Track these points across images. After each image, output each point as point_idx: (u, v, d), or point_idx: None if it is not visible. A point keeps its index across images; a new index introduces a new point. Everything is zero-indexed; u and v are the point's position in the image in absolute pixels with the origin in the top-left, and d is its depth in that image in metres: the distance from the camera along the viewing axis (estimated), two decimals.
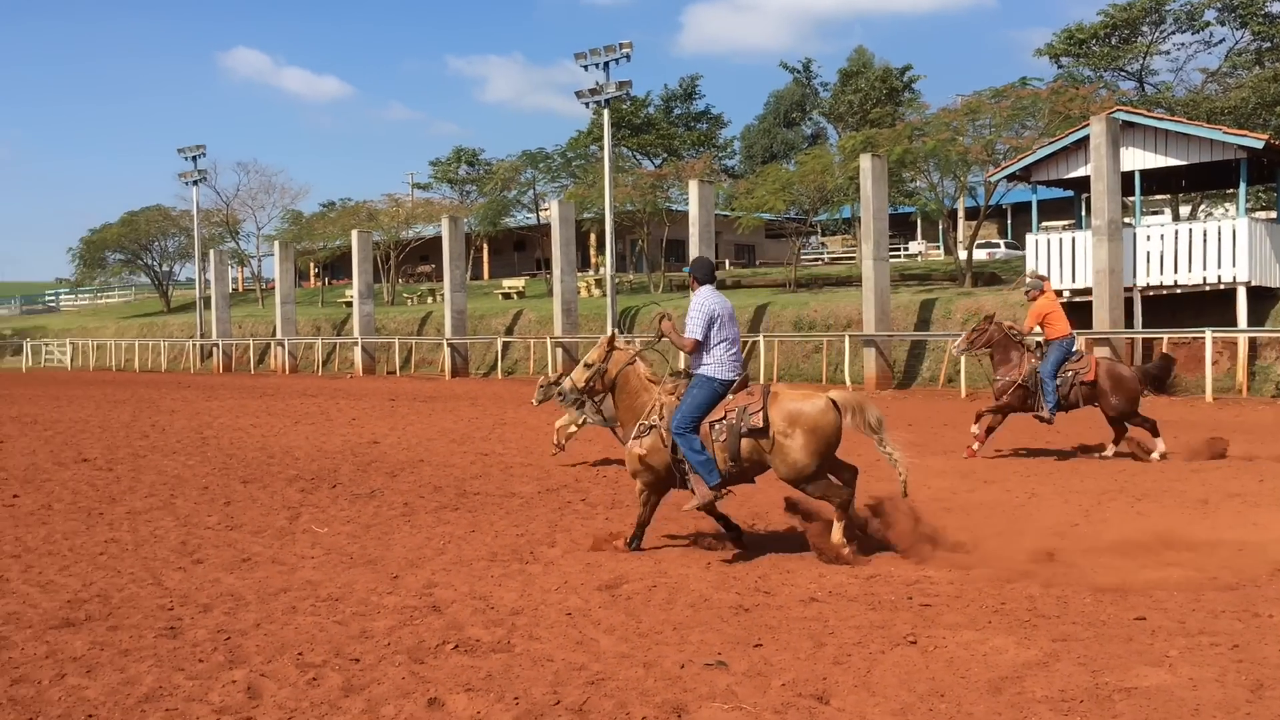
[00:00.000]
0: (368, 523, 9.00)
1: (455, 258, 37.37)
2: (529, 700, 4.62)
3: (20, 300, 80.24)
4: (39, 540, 8.38)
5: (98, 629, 5.84)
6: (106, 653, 5.39)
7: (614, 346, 8.02)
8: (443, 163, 65.73)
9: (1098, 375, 12.19)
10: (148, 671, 5.07)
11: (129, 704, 4.66)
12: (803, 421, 7.27)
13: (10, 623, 5.97)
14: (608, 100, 34.62)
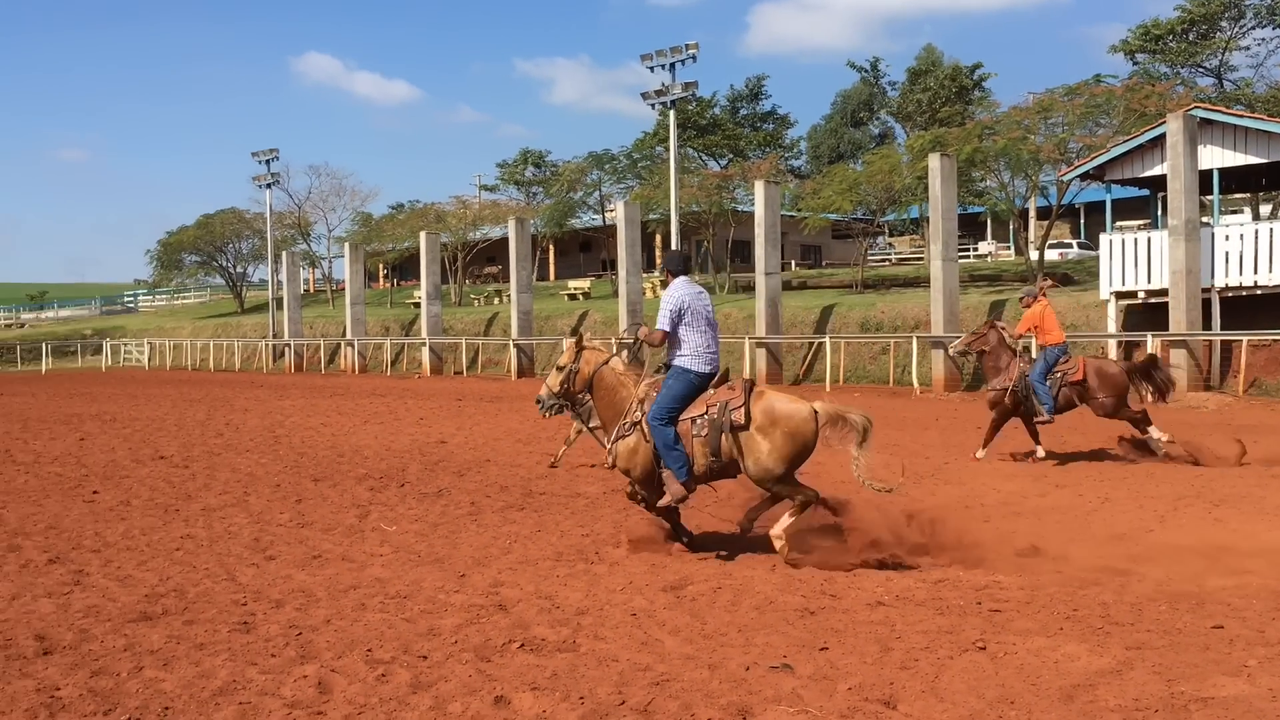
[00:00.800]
0: (435, 521, 9.10)
1: (521, 259, 37.64)
2: (594, 700, 4.63)
3: (100, 301, 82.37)
4: (118, 535, 8.60)
5: (174, 623, 5.97)
6: (182, 646, 5.52)
7: (583, 347, 8.03)
8: (510, 165, 66.32)
9: (1086, 375, 12.31)
10: (222, 665, 5.18)
11: (204, 697, 4.76)
12: (784, 424, 7.28)
13: (90, 616, 6.14)
14: (674, 101, 34.63)
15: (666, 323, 7.58)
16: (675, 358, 7.61)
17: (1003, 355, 12.70)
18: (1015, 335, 12.89)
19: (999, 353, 12.72)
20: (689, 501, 7.64)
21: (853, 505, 7.95)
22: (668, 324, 7.57)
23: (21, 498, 10.55)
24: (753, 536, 7.80)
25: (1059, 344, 12.58)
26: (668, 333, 7.60)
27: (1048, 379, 12.35)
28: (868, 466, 7.42)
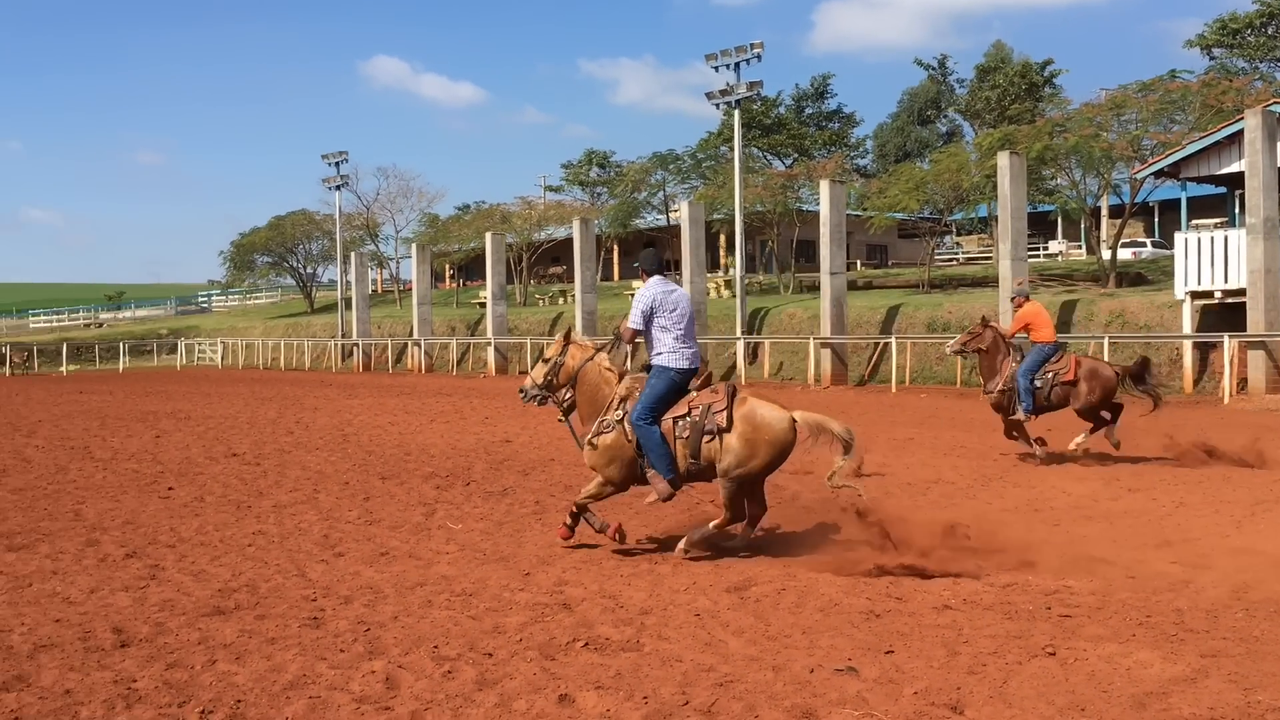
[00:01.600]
0: (500, 520, 9.18)
1: (586, 259, 37.79)
2: (658, 700, 4.64)
3: (175, 301, 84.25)
4: (192, 531, 8.80)
5: (246, 617, 6.09)
6: (254, 640, 5.63)
7: (570, 341, 8.13)
8: (574, 165, 66.64)
9: (1077, 375, 12.34)
10: (292, 659, 5.27)
11: (275, 690, 4.85)
12: (765, 431, 7.38)
13: (166, 609, 6.28)
14: (738, 101, 34.53)
15: (638, 320, 7.71)
16: (653, 356, 7.72)
17: (998, 355, 12.75)
18: (1008, 335, 12.92)
19: (995, 352, 12.77)
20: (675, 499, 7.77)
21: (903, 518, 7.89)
22: (639, 321, 7.71)
23: (100, 493, 10.84)
24: (807, 538, 7.78)
25: (1050, 342, 12.61)
26: (638, 330, 7.73)
27: (1039, 378, 12.40)
28: (846, 474, 7.57)
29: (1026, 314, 12.78)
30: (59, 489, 11.15)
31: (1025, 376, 12.39)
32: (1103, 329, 24.87)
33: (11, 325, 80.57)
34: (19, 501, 10.36)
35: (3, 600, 6.55)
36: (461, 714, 4.54)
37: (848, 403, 19.40)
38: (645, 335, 7.79)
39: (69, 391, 30.86)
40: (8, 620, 6.05)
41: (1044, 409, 12.55)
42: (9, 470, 12.66)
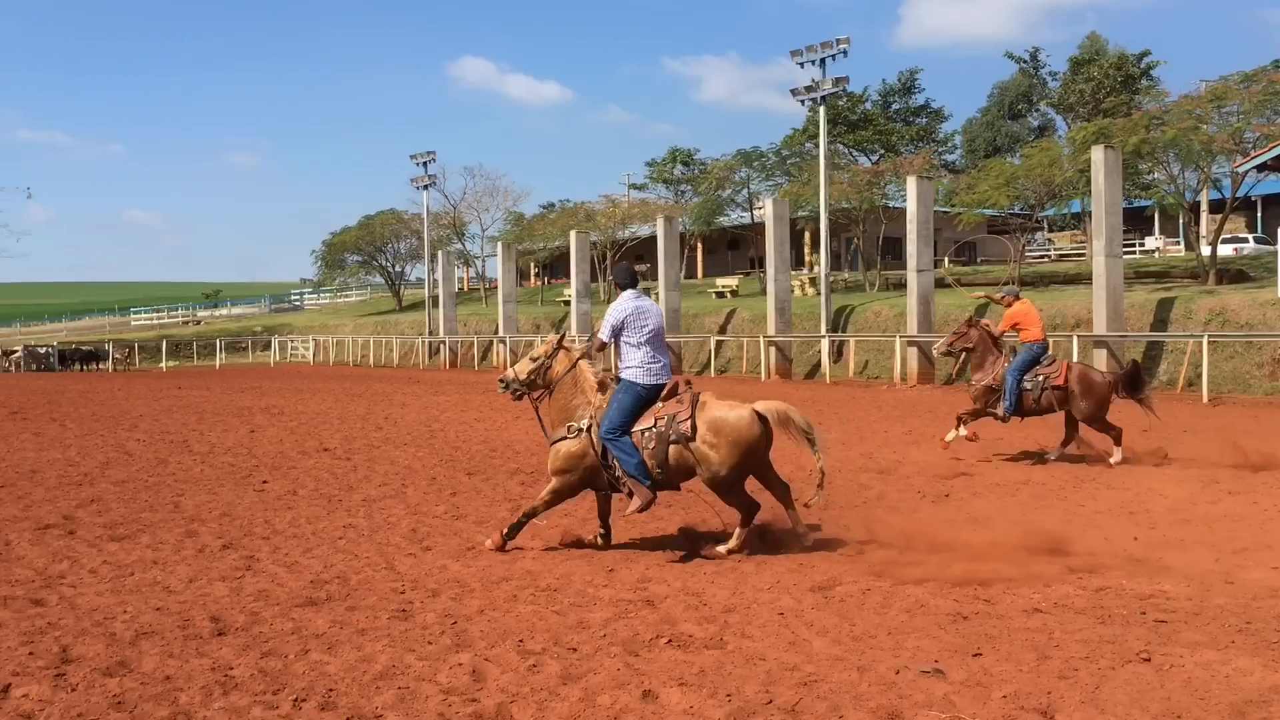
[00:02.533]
0: (584, 516, 9.22)
1: (669, 257, 37.80)
2: (741, 698, 4.63)
3: (269, 299, 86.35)
4: (285, 524, 9.02)
5: (337, 609, 6.23)
6: (345, 631, 5.75)
7: (562, 345, 8.22)
8: (658, 163, 66.66)
9: (1068, 379, 12.26)
10: (382, 651, 5.38)
11: (365, 680, 4.95)
12: (728, 432, 7.44)
13: (261, 600, 6.45)
14: (824, 97, 34.24)
15: (606, 334, 7.84)
16: (622, 370, 7.81)
17: (987, 353, 12.80)
18: (998, 333, 12.88)
19: (983, 350, 12.83)
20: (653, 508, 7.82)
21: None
22: (607, 335, 7.84)
23: (198, 486, 11.16)
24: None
25: (1040, 341, 12.59)
26: (606, 343, 7.87)
27: (1029, 379, 12.37)
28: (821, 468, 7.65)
29: (1015, 313, 12.74)
30: (159, 481, 11.52)
31: (1015, 376, 12.37)
32: (1201, 327, 24.12)
33: (114, 322, 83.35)
34: (121, 493, 10.72)
35: (106, 588, 6.78)
36: (546, 708, 4.59)
37: (935, 402, 19.12)
38: (615, 348, 7.93)
39: (168, 387, 31.84)
40: (111, 608, 6.27)
41: (1031, 412, 12.53)
42: (112, 463, 13.12)
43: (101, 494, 10.65)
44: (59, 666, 5.16)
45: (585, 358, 8.17)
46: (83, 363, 50.66)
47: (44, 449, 14.75)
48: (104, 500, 10.29)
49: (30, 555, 7.77)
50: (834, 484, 10.84)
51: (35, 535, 8.53)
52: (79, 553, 7.86)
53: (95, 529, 8.81)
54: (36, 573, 7.21)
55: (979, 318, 13.44)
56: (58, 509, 9.78)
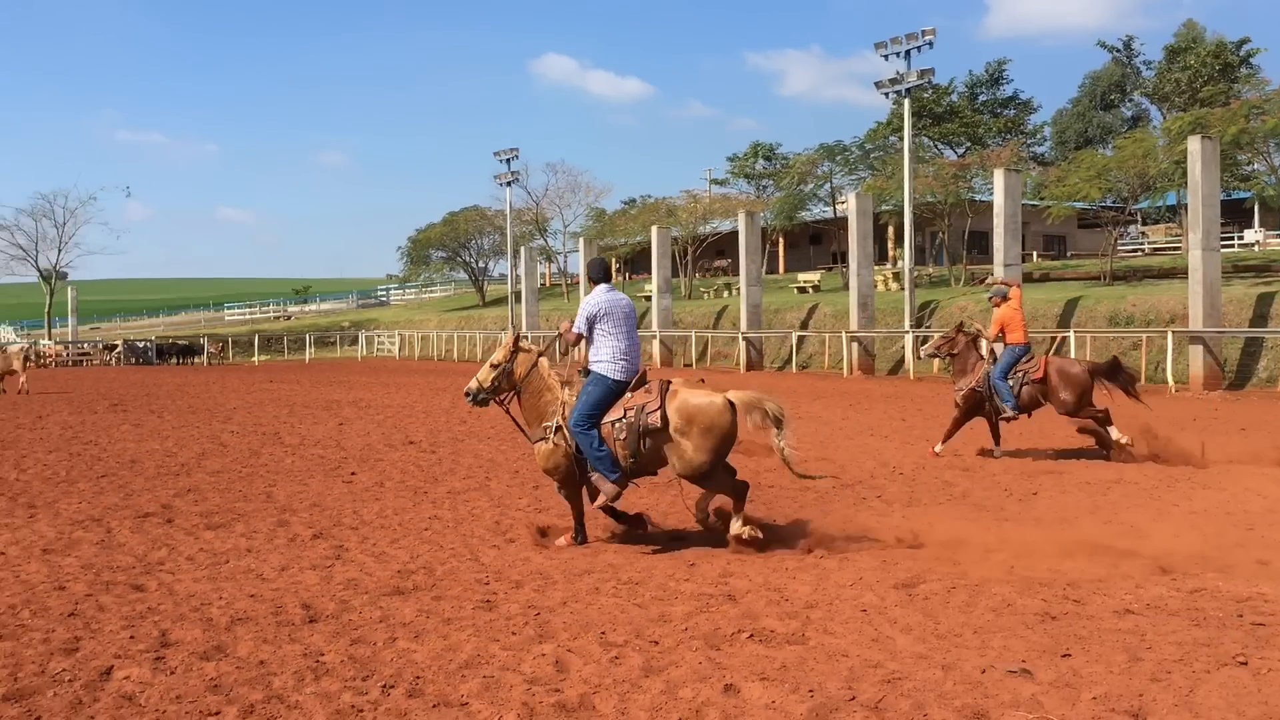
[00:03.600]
0: (666, 511, 9.26)
1: (751, 252, 37.67)
2: (823, 694, 4.61)
3: (356, 295, 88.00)
4: (373, 514, 9.20)
5: (424, 598, 6.34)
6: (431, 620, 5.85)
7: (518, 347, 8.24)
8: (740, 158, 66.48)
9: (1047, 373, 12.48)
10: (467, 640, 5.46)
11: (451, 669, 5.03)
12: (699, 420, 7.46)
13: (350, 588, 6.60)
14: (908, 89, 33.81)
15: (582, 325, 7.91)
16: (593, 363, 7.84)
17: (970, 357, 13.07)
18: (990, 337, 12.99)
19: (967, 355, 13.11)
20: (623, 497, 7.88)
21: None
22: (582, 326, 7.90)
23: (289, 477, 11.43)
24: (976, 534, 7.56)
25: (1022, 344, 12.79)
26: (582, 334, 7.93)
27: (1009, 377, 12.59)
28: (791, 453, 7.63)
29: (1003, 315, 12.88)
30: (252, 472, 11.83)
31: (1002, 378, 12.60)
32: None
33: (209, 318, 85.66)
34: (217, 483, 11.03)
35: (203, 575, 7.00)
36: (628, 699, 4.62)
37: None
38: (587, 340, 7.96)
39: (260, 380, 32.65)
40: (207, 594, 6.47)
41: (1022, 410, 12.64)
42: (208, 454, 13.50)
43: (198, 484, 10.98)
44: (158, 650, 5.34)
45: (544, 355, 8.25)
46: (179, 357, 52.19)
47: (143, 440, 15.24)
48: (200, 490, 10.60)
49: (131, 542, 8.05)
50: (918, 481, 10.74)
51: (135, 523, 8.82)
52: (177, 540, 8.12)
53: (192, 518, 9.09)
54: (137, 559, 7.47)
55: (967, 324, 13.70)
56: (156, 498, 10.11)
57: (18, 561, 7.40)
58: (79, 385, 31.06)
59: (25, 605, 6.22)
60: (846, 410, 19.01)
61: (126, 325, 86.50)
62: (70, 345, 55.32)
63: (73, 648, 5.38)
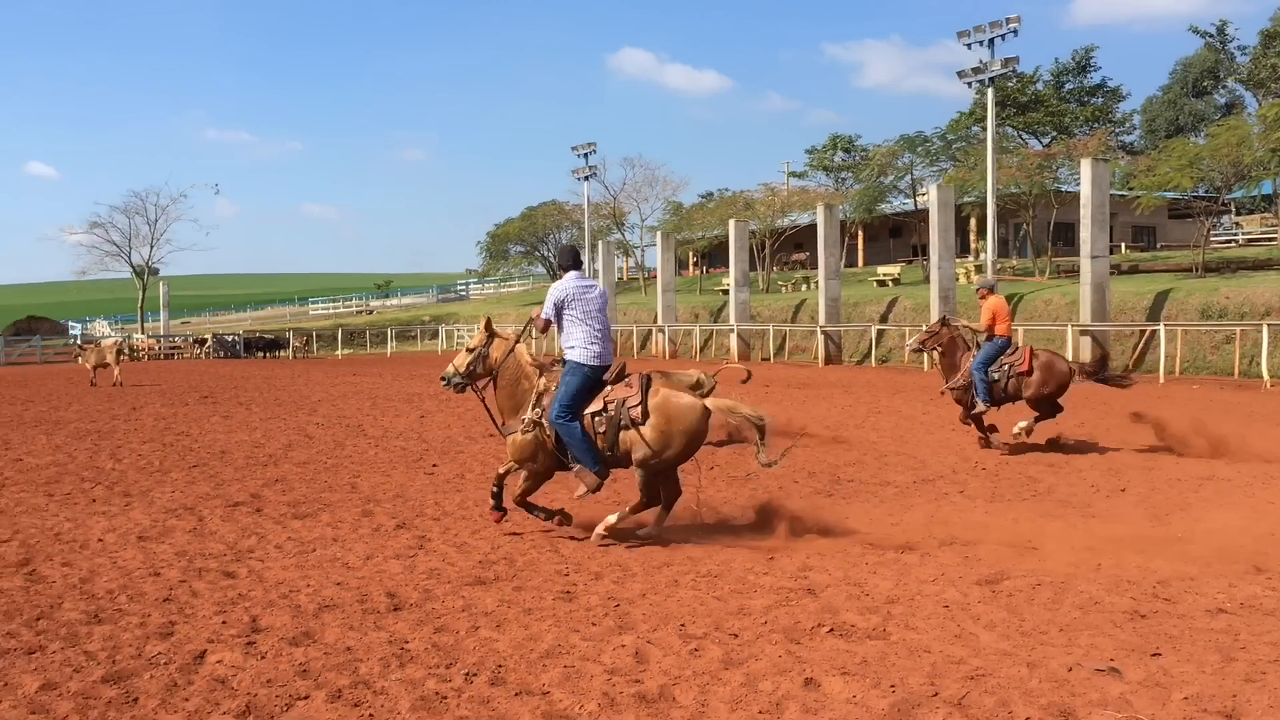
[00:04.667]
0: (744, 504, 9.24)
1: (830, 245, 37.35)
2: (905, 689, 4.57)
3: (437, 289, 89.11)
4: (454, 505, 9.32)
5: (505, 588, 6.42)
6: (512, 610, 5.92)
7: (493, 333, 8.20)
8: (818, 150, 65.90)
9: (1033, 365, 12.53)
10: (548, 630, 5.52)
11: (532, 658, 5.09)
12: (680, 421, 7.51)
13: (433, 578, 6.70)
14: (992, 79, 33.23)
15: (549, 311, 7.92)
16: (565, 351, 7.84)
17: (958, 352, 13.12)
18: (982, 328, 13.01)
19: (954, 350, 13.17)
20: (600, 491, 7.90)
21: None
22: (550, 312, 7.92)
23: (373, 469, 11.64)
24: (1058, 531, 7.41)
25: (1006, 336, 12.87)
26: (549, 320, 7.95)
27: (996, 370, 12.64)
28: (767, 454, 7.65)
29: (994, 306, 12.92)
30: (337, 463, 12.07)
31: (980, 370, 12.64)
32: None
33: (294, 312, 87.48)
34: (303, 474, 11.28)
35: (291, 563, 7.16)
36: (708, 691, 4.63)
37: (1108, 393, 18.29)
38: (558, 327, 7.94)
39: (344, 374, 33.26)
40: (295, 581, 6.62)
41: (1003, 400, 12.72)
42: (294, 445, 13.80)
43: (285, 474, 11.23)
44: (249, 635, 5.49)
45: (521, 341, 8.25)
46: (265, 350, 53.44)
47: (232, 431, 15.63)
48: (287, 480, 10.84)
49: (222, 530, 8.27)
50: (1001, 477, 10.57)
51: (226, 512, 9.06)
52: (265, 529, 8.32)
53: (280, 507, 9.31)
54: (228, 547, 7.67)
55: (952, 319, 13.86)
56: (245, 488, 10.36)
57: (115, 548, 7.66)
58: (170, 378, 31.97)
59: (123, 590, 6.43)
60: (927, 405, 18.76)
61: (215, 319, 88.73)
62: (162, 339, 56.96)
63: (168, 632, 5.56)
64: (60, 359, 49.78)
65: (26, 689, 4.71)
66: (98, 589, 6.47)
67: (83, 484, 10.69)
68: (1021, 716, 4.28)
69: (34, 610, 5.98)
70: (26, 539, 7.99)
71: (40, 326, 65.39)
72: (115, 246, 62.82)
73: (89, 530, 8.31)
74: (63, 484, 10.70)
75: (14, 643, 5.37)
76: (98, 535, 8.11)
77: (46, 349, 53.49)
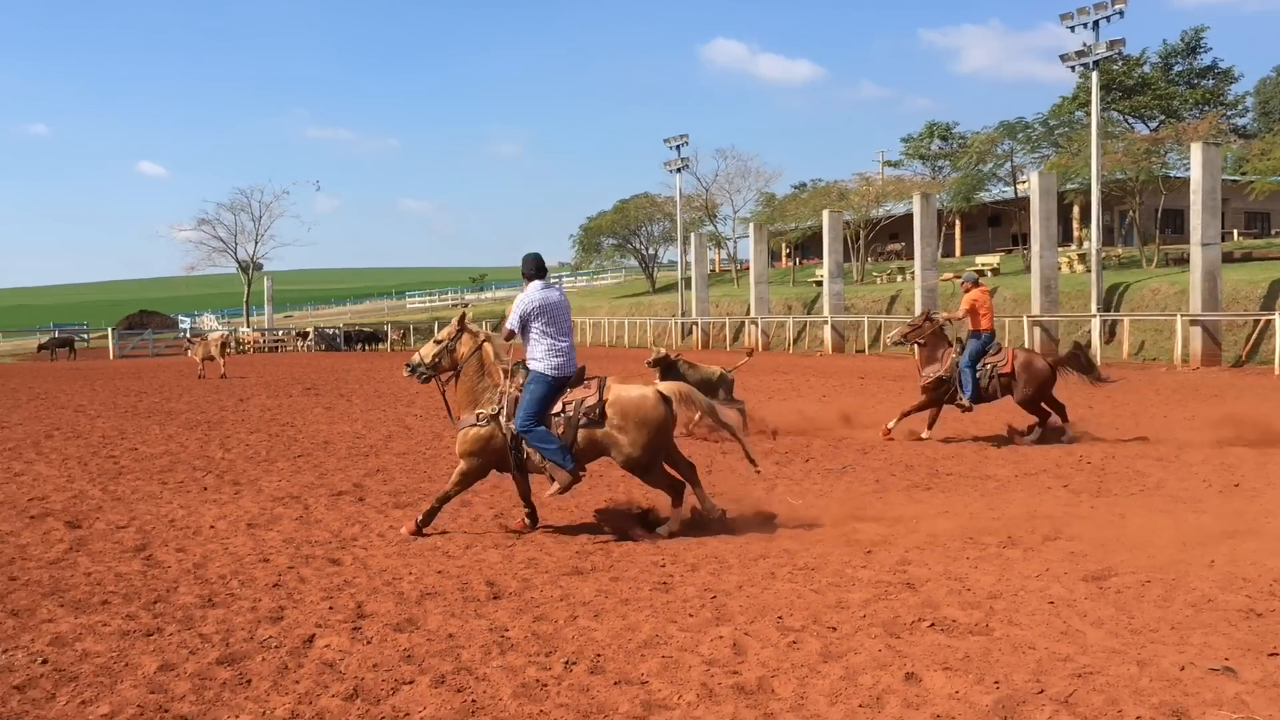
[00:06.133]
0: (840, 497, 9.16)
1: (926, 235, 36.76)
2: (1010, 685, 4.49)
3: None
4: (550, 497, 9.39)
5: (602, 579, 6.47)
6: (610, 600, 5.97)
7: (464, 327, 8.19)
8: (914, 139, 64.77)
9: (1014, 367, 12.71)
10: (645, 620, 5.55)
11: (630, 648, 5.12)
12: (633, 413, 7.65)
13: (530, 567, 6.79)
14: (1096, 62, 32.28)
15: (515, 323, 7.95)
16: (529, 361, 7.83)
17: (939, 345, 13.26)
18: (957, 317, 13.32)
19: (935, 343, 13.29)
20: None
21: None
22: (514, 324, 7.95)
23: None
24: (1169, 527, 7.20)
25: (988, 331, 13.07)
26: (514, 332, 7.97)
27: (978, 369, 12.83)
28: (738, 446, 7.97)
29: (975, 298, 13.08)
30: (435, 454, 12.27)
31: (968, 365, 12.83)
32: None
33: (392, 305, 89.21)
34: (403, 464, 11.50)
35: (393, 551, 7.32)
36: (807, 684, 4.60)
37: (1221, 385, 17.73)
38: (523, 337, 7.94)
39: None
40: (398, 569, 6.76)
41: (981, 399, 12.94)
42: (394, 436, 14.08)
43: (386, 464, 11.47)
44: (355, 620, 5.62)
45: (489, 340, 8.22)
46: (364, 343, 54.58)
47: (334, 422, 16.01)
48: (388, 470, 11.07)
49: (326, 519, 8.48)
50: (1108, 471, 10.31)
51: (330, 501, 9.29)
52: (368, 518, 8.51)
53: (381, 496, 9.51)
54: (332, 535, 7.87)
55: (935, 313, 14.01)
56: (348, 477, 10.61)
57: (226, 535, 7.91)
58: (275, 370, 32.85)
59: (234, 576, 6.64)
60: None
61: (317, 313, 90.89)
62: (266, 332, 58.53)
63: (278, 616, 5.72)
64: (170, 352, 51.58)
65: (146, 669, 4.89)
66: (210, 574, 6.70)
67: (194, 472, 11.06)
68: (1132, 715, 4.17)
69: (151, 594, 6.22)
70: (143, 525, 8.30)
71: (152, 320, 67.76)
72: (222, 242, 64.70)
73: (201, 517, 8.61)
74: (175, 472, 11.09)
75: (134, 625, 5.59)
76: (209, 522, 8.39)
77: (158, 342, 55.42)
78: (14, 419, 17.38)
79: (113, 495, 9.74)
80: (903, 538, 7.44)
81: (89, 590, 6.33)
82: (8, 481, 10.64)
